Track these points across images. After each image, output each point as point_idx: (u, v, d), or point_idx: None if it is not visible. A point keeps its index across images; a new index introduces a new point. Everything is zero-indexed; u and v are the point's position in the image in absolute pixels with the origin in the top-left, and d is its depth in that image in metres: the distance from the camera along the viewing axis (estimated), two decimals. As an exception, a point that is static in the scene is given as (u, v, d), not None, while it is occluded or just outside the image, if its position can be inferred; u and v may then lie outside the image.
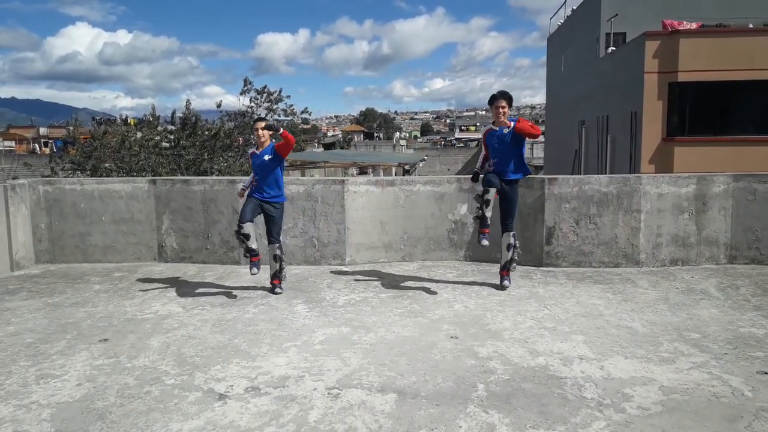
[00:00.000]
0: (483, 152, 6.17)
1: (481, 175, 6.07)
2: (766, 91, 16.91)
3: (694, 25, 18.24)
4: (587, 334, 4.79)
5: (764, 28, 18.09)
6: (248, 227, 5.82)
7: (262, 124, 6.03)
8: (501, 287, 6.11)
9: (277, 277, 6.16)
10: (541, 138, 30.08)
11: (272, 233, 6.04)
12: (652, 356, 4.31)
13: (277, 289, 6.08)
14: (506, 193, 5.95)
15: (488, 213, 5.85)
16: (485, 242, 5.87)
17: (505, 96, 5.90)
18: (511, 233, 6.05)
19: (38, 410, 3.58)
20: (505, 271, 6.18)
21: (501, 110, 5.85)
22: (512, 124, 5.84)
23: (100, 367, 4.23)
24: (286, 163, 6.63)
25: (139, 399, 3.71)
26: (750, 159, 15.97)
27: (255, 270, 5.85)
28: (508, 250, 6.08)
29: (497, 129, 5.95)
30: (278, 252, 6.07)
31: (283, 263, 6.16)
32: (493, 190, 5.82)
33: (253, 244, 5.88)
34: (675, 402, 3.59)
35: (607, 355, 4.33)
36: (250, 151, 6.19)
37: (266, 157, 5.92)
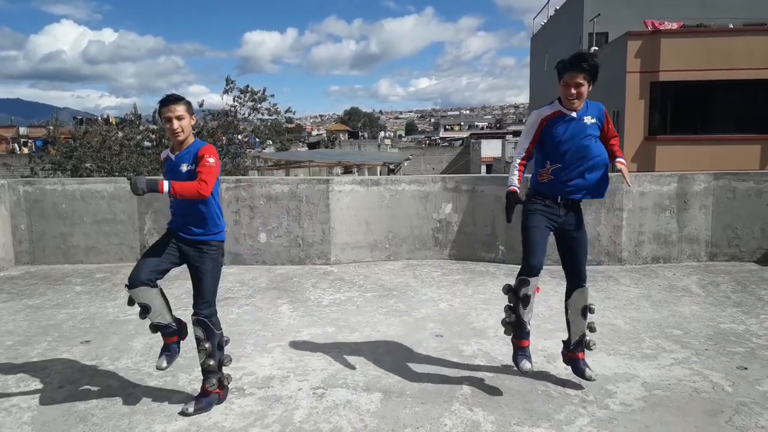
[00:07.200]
0: (525, 149, 3.61)
1: (520, 200, 3.62)
2: (746, 91, 17.18)
3: (675, 26, 18.47)
4: (571, 331, 4.82)
5: (744, 28, 18.37)
6: (143, 293, 3.32)
7: (180, 108, 3.32)
8: (584, 377, 3.73)
9: (210, 381, 3.46)
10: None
11: (199, 296, 3.45)
12: (634, 353, 4.35)
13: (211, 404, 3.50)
14: (571, 229, 3.66)
15: (527, 317, 3.61)
16: (527, 365, 3.58)
17: (585, 67, 3.39)
18: (586, 288, 3.74)
19: (19, 413, 3.53)
20: (581, 352, 3.78)
21: (575, 91, 3.42)
22: (594, 116, 3.55)
23: (82, 369, 4.18)
24: (270, 163, 6.06)
25: (122, 401, 3.68)
26: (730, 157, 16.22)
27: (164, 363, 3.48)
28: (584, 317, 3.73)
29: (569, 113, 3.51)
30: (202, 334, 3.43)
31: (223, 362, 3.55)
32: (534, 281, 3.54)
33: (158, 317, 3.42)
34: (657, 398, 3.63)
35: (591, 352, 4.36)
36: (164, 154, 3.56)
37: (184, 167, 3.34)
